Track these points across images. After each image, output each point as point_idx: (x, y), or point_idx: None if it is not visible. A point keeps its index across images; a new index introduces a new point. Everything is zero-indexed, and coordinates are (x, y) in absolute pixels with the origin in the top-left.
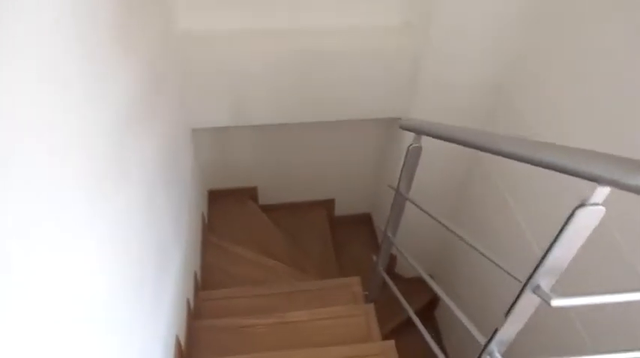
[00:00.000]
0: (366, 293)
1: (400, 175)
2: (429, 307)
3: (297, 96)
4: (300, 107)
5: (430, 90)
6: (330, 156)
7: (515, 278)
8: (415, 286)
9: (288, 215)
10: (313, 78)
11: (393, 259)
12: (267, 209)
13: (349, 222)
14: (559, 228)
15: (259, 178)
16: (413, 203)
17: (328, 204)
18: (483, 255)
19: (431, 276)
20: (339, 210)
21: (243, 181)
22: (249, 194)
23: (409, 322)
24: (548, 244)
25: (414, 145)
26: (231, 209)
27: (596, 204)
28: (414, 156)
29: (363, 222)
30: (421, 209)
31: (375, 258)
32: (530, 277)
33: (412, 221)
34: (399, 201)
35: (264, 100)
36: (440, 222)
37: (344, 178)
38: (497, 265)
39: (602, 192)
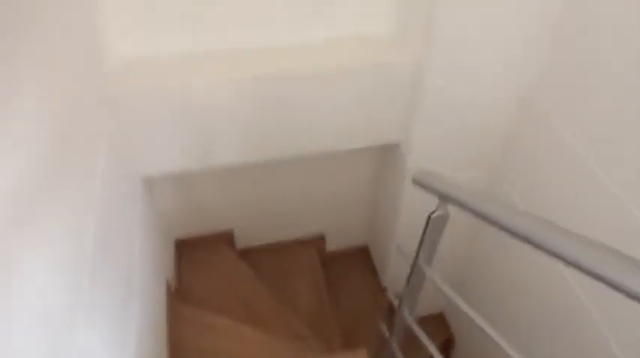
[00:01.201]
0: None
1: (419, 247)
2: (444, 350)
3: (272, 130)
4: (276, 142)
5: (434, 109)
6: (317, 187)
7: None
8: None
9: (272, 258)
10: (290, 106)
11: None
12: (247, 253)
13: (344, 258)
14: None
15: (235, 219)
16: (437, 284)
17: (318, 241)
18: None
19: None
20: (331, 245)
21: (217, 225)
22: (224, 239)
23: None
24: None
25: (437, 213)
26: (205, 260)
27: None
28: (437, 226)
29: (360, 255)
30: (446, 293)
31: (384, 327)
32: None
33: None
34: (418, 276)
35: (231, 137)
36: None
37: (334, 210)
38: None
39: None
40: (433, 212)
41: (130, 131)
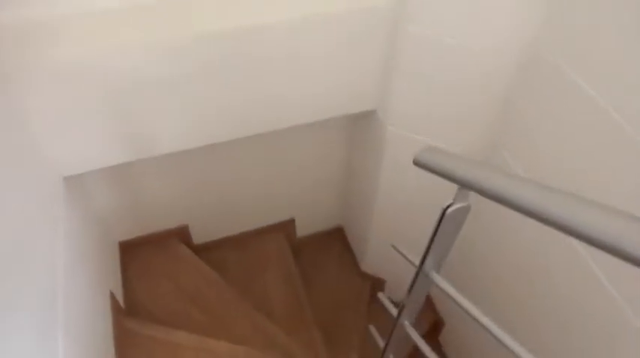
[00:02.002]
0: None
1: (427, 248)
2: (432, 332)
3: (226, 105)
4: (231, 119)
5: (416, 65)
6: (282, 167)
7: None
8: None
9: (237, 252)
10: (246, 72)
11: (380, 283)
12: (207, 249)
13: (317, 242)
14: None
15: (189, 212)
16: (449, 294)
17: (287, 227)
18: None
19: None
20: (302, 230)
21: (169, 221)
22: (178, 236)
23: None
24: None
25: (456, 206)
26: (157, 262)
27: None
28: (454, 222)
29: (335, 238)
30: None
31: (376, 334)
32: None
33: None
34: (423, 283)
35: (174, 118)
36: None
37: (303, 191)
38: None
39: None
40: (449, 205)
41: (34, 120)
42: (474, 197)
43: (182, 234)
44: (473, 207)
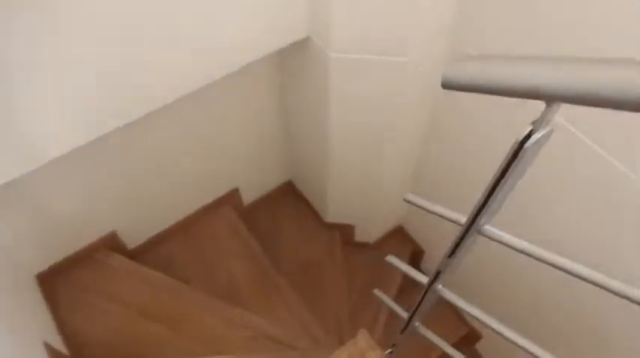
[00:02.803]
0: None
1: (487, 197)
2: (414, 260)
3: (115, 71)
4: (138, 90)
5: None
6: (208, 136)
7: None
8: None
9: (181, 241)
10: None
11: (349, 229)
12: (145, 251)
13: (269, 204)
14: None
15: (115, 216)
16: (510, 245)
17: (232, 198)
18: None
19: None
20: (250, 196)
21: (91, 232)
22: (107, 245)
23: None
24: None
25: (540, 133)
26: (89, 284)
27: None
28: (529, 157)
29: (287, 194)
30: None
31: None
32: None
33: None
34: (471, 240)
35: (58, 106)
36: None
37: (240, 155)
38: None
39: None
40: (529, 134)
41: None
42: None
43: (111, 243)
44: None
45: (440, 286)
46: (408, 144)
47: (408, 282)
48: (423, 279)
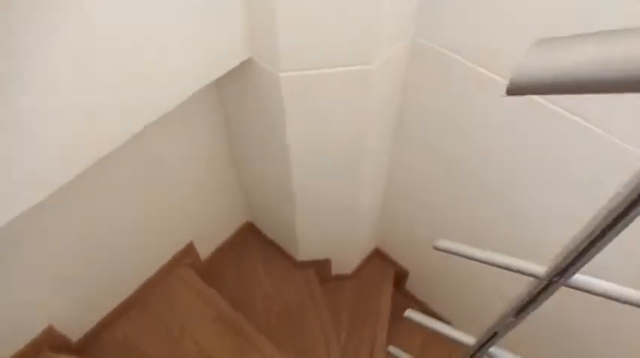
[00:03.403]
0: None
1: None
2: (399, 279)
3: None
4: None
5: None
6: (148, 190)
7: None
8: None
9: (135, 320)
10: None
11: (326, 264)
12: (93, 339)
13: (229, 254)
14: None
15: (49, 306)
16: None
17: (186, 255)
18: None
19: None
20: (206, 249)
21: (15, 338)
22: (47, 344)
23: None
24: None
25: None
26: None
27: None
28: None
29: (248, 238)
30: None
31: None
32: None
33: None
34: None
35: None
36: None
37: (189, 205)
38: None
39: None
40: None
41: None
42: None
43: (50, 340)
44: None
45: (492, 349)
46: (379, 156)
47: (399, 306)
48: (469, 340)
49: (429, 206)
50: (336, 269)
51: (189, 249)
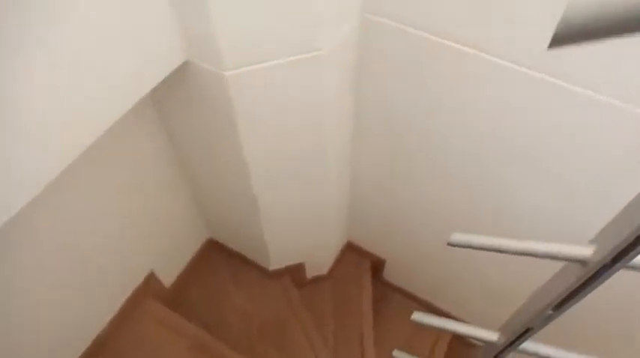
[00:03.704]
0: None
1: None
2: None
3: None
4: None
5: None
6: (91, 223)
7: None
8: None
9: None
10: None
11: (299, 269)
12: None
13: (194, 276)
14: None
15: None
16: None
17: (148, 286)
18: None
19: None
20: (169, 275)
21: None
22: None
23: None
24: None
25: None
26: None
27: None
28: None
29: (212, 256)
30: None
31: None
32: None
33: None
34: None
35: None
36: None
37: (141, 231)
38: None
39: None
40: None
41: None
42: None
43: None
44: None
45: (525, 344)
46: (341, 149)
47: (379, 299)
48: (492, 337)
49: (397, 193)
50: (311, 272)
51: (151, 279)
